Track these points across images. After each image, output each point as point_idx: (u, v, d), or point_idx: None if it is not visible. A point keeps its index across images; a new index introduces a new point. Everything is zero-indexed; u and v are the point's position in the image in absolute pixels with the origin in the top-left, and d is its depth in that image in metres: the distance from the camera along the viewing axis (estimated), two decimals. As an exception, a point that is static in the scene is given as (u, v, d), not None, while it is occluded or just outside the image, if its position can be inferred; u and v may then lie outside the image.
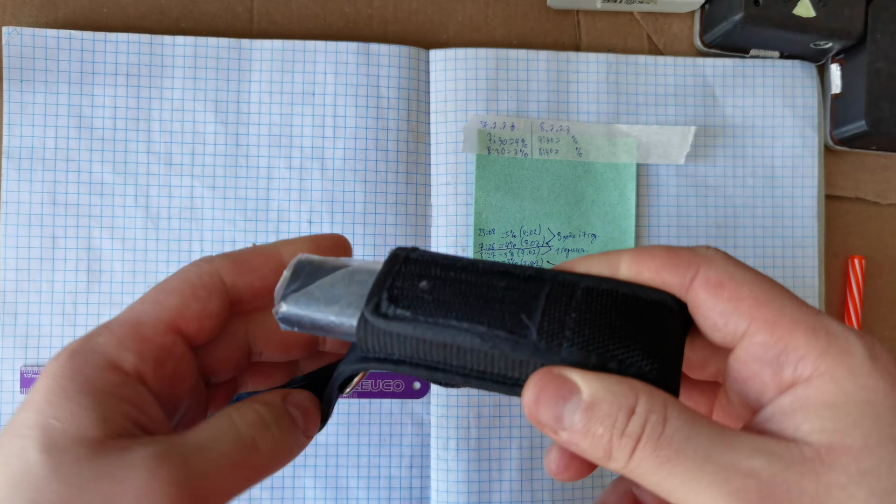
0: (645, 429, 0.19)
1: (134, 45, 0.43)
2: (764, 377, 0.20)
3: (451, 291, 0.22)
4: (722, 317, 0.21)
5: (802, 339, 0.20)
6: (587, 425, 0.20)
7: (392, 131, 0.44)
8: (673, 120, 0.46)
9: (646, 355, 0.21)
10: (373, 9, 0.45)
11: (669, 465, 0.19)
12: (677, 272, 0.22)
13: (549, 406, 0.20)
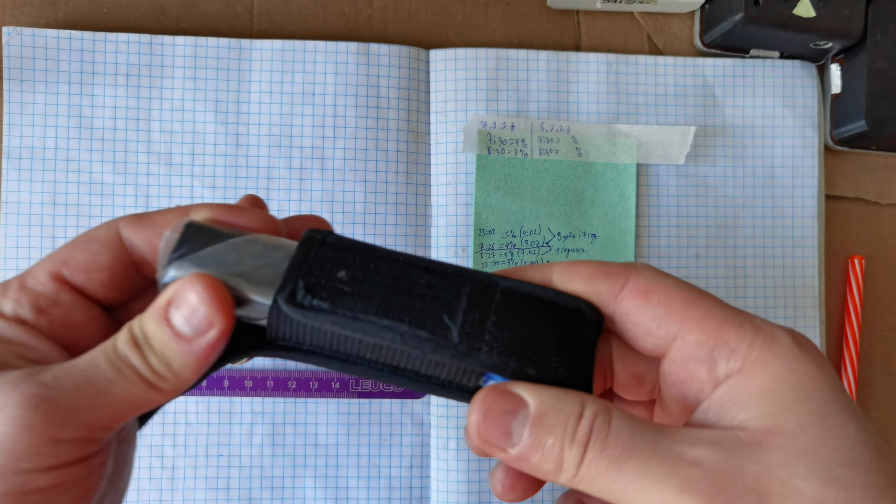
0: (592, 431, 0.20)
1: (134, 45, 0.43)
2: (700, 375, 0.21)
3: (371, 284, 0.21)
4: (654, 321, 0.22)
5: (732, 332, 0.21)
6: (537, 437, 0.20)
7: (392, 131, 0.44)
8: (673, 120, 0.46)
9: (562, 361, 0.21)
10: (373, 9, 0.45)
11: (618, 463, 0.19)
12: (608, 281, 0.22)
13: (498, 423, 0.20)
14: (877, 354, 0.48)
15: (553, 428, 0.20)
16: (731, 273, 0.46)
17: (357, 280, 0.21)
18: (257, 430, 0.43)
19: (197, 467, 0.42)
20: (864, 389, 0.47)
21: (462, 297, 0.22)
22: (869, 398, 0.47)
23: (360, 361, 0.22)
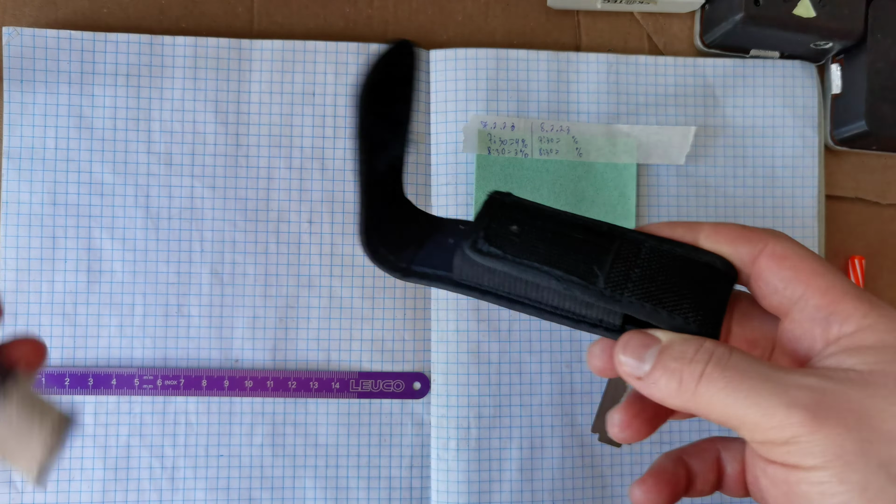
0: (713, 357, 0.23)
1: (134, 46, 0.43)
2: (814, 334, 0.24)
3: (537, 237, 0.26)
4: (783, 282, 0.24)
5: (850, 303, 0.23)
6: (663, 361, 0.23)
7: (392, 131, 0.44)
8: (673, 120, 0.46)
9: (694, 309, 0.25)
10: (373, 9, 0.45)
11: (734, 384, 0.22)
12: (749, 244, 0.25)
13: (634, 352, 0.24)
14: (877, 354, 0.48)
15: (677, 354, 0.23)
16: (732, 273, 0.46)
17: (525, 233, 0.26)
18: (257, 431, 0.43)
19: (197, 467, 0.42)
20: (864, 389, 0.47)
21: (611, 252, 0.26)
22: (869, 398, 0.47)
23: (525, 301, 0.27)
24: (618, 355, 0.25)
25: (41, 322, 0.42)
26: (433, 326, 0.44)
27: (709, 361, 0.23)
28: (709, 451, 0.29)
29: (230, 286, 0.43)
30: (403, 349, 0.44)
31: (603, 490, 0.44)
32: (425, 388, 0.43)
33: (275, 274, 0.43)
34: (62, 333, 0.42)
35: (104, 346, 0.42)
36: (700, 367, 0.23)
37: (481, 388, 0.43)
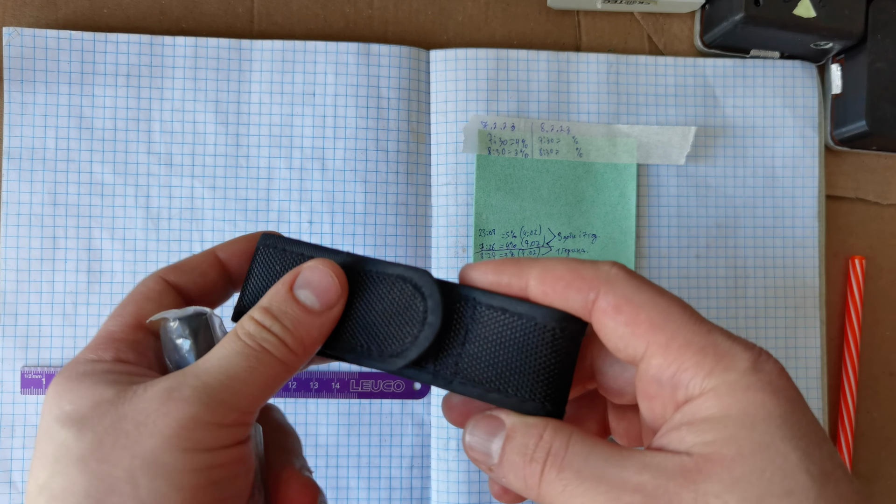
0: (549, 454, 0.22)
1: (134, 46, 0.43)
2: (663, 396, 0.22)
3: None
4: (621, 340, 0.23)
5: (692, 359, 0.21)
6: (507, 455, 0.23)
7: (392, 131, 0.44)
8: (673, 120, 0.46)
9: (530, 386, 0.23)
10: (373, 9, 0.45)
11: (571, 487, 0.21)
12: (580, 293, 0.23)
13: (481, 439, 0.23)
14: (877, 354, 0.48)
15: (518, 446, 0.22)
16: (731, 273, 0.46)
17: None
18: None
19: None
20: (864, 389, 0.47)
21: (436, 314, 0.24)
22: (869, 398, 0.47)
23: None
24: (465, 439, 0.24)
25: (41, 322, 0.42)
26: (433, 326, 0.44)
27: (546, 459, 0.22)
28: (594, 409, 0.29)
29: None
30: (403, 349, 0.44)
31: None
32: (425, 388, 0.43)
33: (275, 274, 0.43)
34: (62, 333, 0.42)
35: (104, 346, 0.42)
36: (539, 467, 0.22)
37: (481, 388, 0.43)
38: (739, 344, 0.22)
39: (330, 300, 0.25)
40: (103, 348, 0.25)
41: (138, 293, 0.27)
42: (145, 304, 0.26)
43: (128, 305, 0.27)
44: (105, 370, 0.24)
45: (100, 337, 0.26)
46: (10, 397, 0.41)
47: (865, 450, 0.47)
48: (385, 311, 0.26)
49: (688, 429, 0.21)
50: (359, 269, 0.26)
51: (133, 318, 0.26)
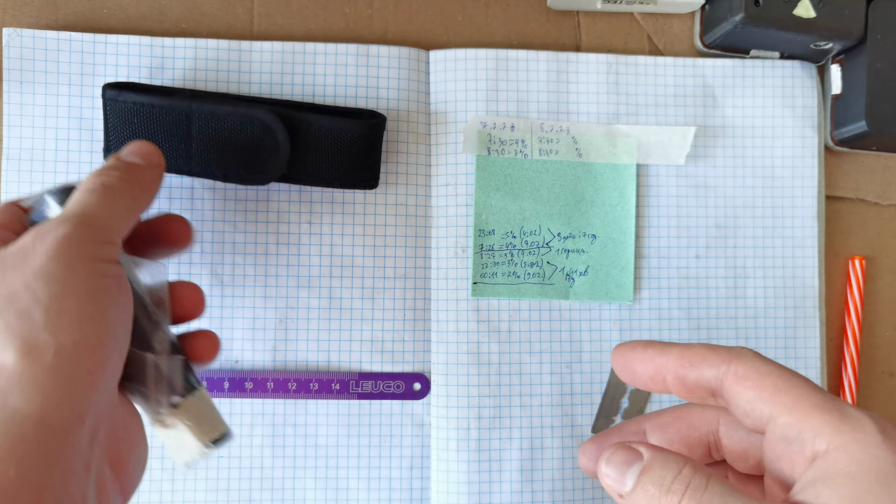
0: (689, 487, 0.23)
1: (134, 47, 0.43)
2: (791, 455, 0.23)
3: None
4: (749, 404, 0.24)
5: (818, 418, 0.23)
6: (643, 484, 0.24)
7: (392, 132, 0.44)
8: (673, 120, 0.46)
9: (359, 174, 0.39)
10: (373, 9, 0.45)
11: None
12: (713, 368, 0.26)
13: (617, 466, 0.25)
14: (877, 355, 0.48)
15: (655, 479, 0.23)
16: (731, 273, 0.46)
17: None
18: (257, 432, 0.43)
19: (197, 468, 0.42)
20: (864, 390, 0.47)
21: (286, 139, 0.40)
22: (869, 398, 0.47)
23: None
24: (601, 466, 0.25)
25: (41, 323, 0.42)
26: (433, 327, 0.44)
27: (684, 492, 0.22)
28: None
29: (230, 287, 0.43)
30: (403, 350, 0.44)
31: (603, 490, 0.44)
32: (425, 388, 0.43)
33: (274, 275, 0.43)
34: (62, 334, 0.42)
35: (104, 346, 0.42)
36: (676, 499, 0.23)
37: (481, 388, 0.43)
38: (863, 411, 0.23)
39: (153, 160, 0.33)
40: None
41: None
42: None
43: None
44: None
45: None
46: (10, 398, 0.41)
47: (865, 450, 0.47)
48: (245, 143, 0.38)
49: (823, 483, 0.22)
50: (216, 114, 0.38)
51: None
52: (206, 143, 0.39)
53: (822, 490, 0.21)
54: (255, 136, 0.39)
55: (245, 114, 0.39)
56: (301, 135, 0.40)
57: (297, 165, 0.40)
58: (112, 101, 0.39)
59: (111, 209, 0.29)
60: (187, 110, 0.39)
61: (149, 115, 0.39)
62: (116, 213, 0.29)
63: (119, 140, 0.40)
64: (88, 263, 0.27)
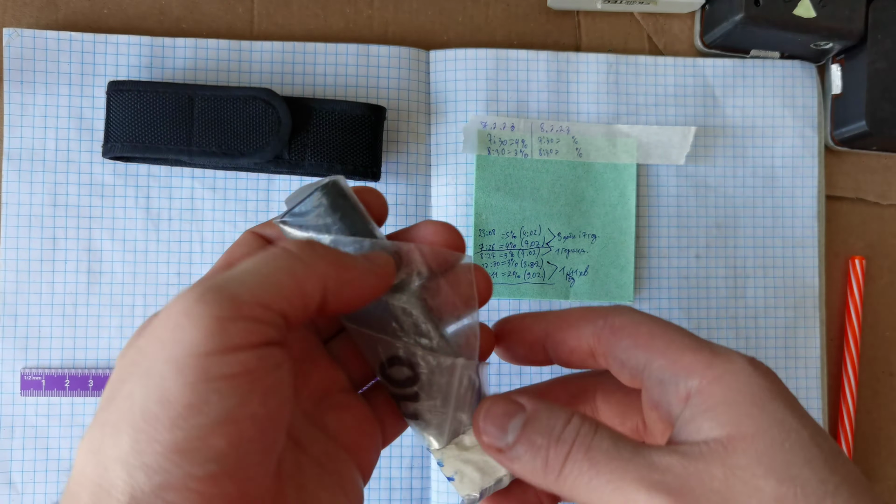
0: (578, 435, 0.22)
1: (134, 47, 0.43)
2: (668, 399, 0.23)
3: None
4: (625, 353, 0.25)
5: (690, 356, 0.23)
6: (528, 435, 0.23)
7: (392, 132, 0.44)
8: (673, 120, 0.46)
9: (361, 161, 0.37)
10: (373, 9, 0.45)
11: (598, 466, 0.21)
12: (590, 324, 0.26)
13: (497, 421, 0.23)
14: (877, 354, 0.48)
15: (542, 428, 0.22)
16: (731, 273, 0.46)
17: None
18: (258, 431, 0.43)
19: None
20: (864, 389, 0.47)
21: (287, 118, 0.40)
22: (869, 398, 0.47)
23: None
24: (477, 422, 0.24)
25: (41, 323, 0.42)
26: (433, 327, 0.44)
27: (574, 440, 0.22)
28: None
29: (230, 287, 0.43)
30: (403, 350, 0.44)
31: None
32: (425, 388, 0.43)
33: (275, 274, 0.43)
34: (62, 334, 0.42)
35: (104, 347, 0.42)
36: (566, 448, 0.22)
37: (481, 388, 0.43)
38: (731, 350, 0.23)
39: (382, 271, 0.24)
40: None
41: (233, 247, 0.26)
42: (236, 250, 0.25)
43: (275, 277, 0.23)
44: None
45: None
46: (9, 398, 0.41)
47: (865, 450, 0.47)
48: (247, 121, 0.39)
49: (702, 417, 0.22)
50: (218, 96, 0.39)
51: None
52: (208, 123, 0.40)
53: (701, 424, 0.22)
54: (256, 113, 0.40)
55: (247, 93, 0.40)
56: (303, 117, 0.41)
57: (299, 148, 0.41)
58: (115, 91, 0.40)
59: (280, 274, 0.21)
60: (190, 93, 0.40)
61: (151, 98, 0.40)
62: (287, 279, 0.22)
63: (120, 129, 0.40)
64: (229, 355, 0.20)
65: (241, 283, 0.21)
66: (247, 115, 0.40)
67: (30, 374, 0.41)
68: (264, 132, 0.40)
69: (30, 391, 0.41)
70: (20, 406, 0.41)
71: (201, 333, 0.19)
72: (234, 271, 0.21)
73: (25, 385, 0.41)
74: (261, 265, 0.21)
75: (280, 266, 0.21)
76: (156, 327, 0.20)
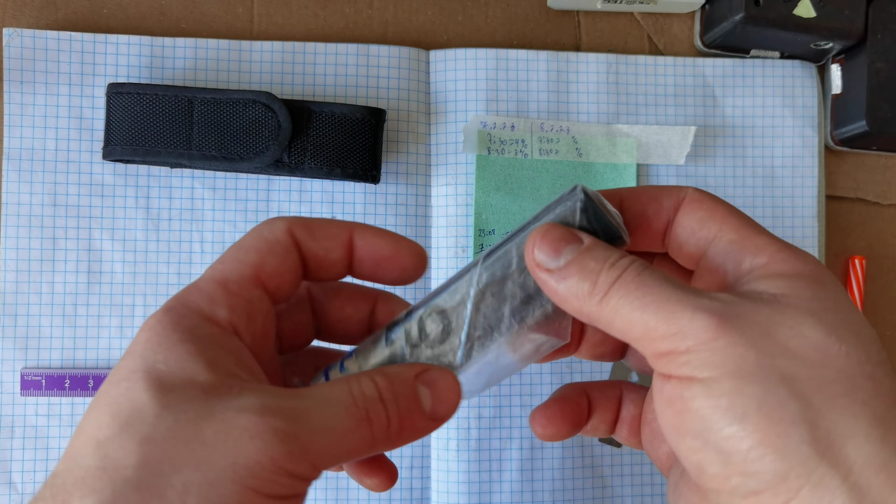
0: (632, 265, 0.22)
1: (134, 47, 0.43)
2: (727, 267, 0.24)
3: None
4: (699, 222, 0.25)
5: (763, 238, 0.23)
6: (581, 259, 0.22)
7: (392, 132, 0.44)
8: (673, 120, 0.46)
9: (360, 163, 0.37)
10: (373, 9, 0.45)
11: (647, 287, 0.21)
12: (670, 196, 0.26)
13: (552, 243, 0.23)
14: (877, 354, 0.48)
15: (597, 256, 0.22)
16: (732, 273, 0.46)
17: None
18: (258, 431, 0.43)
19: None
20: (864, 389, 0.47)
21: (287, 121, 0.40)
22: (869, 398, 0.47)
23: None
24: (533, 239, 0.23)
25: (41, 323, 0.42)
26: (433, 327, 0.44)
27: (627, 267, 0.22)
28: (612, 391, 0.29)
29: (230, 287, 0.43)
30: (403, 350, 0.44)
31: (603, 490, 0.44)
32: (425, 388, 0.43)
33: (275, 274, 0.43)
34: (62, 334, 0.42)
35: (104, 346, 0.42)
36: (617, 273, 0.22)
37: (481, 388, 0.43)
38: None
39: (443, 413, 0.24)
40: (219, 303, 0.23)
41: (263, 241, 0.24)
42: (269, 258, 0.24)
43: (250, 252, 0.24)
44: (212, 339, 0.22)
45: (215, 280, 0.23)
46: (9, 398, 0.41)
47: (865, 450, 0.47)
48: (246, 124, 0.38)
49: (759, 281, 0.22)
50: (218, 99, 0.39)
51: (253, 271, 0.23)
52: (208, 127, 0.40)
53: (757, 284, 0.22)
54: (256, 116, 0.40)
55: (246, 97, 0.40)
56: (302, 120, 0.41)
57: (298, 151, 0.41)
58: (115, 94, 0.40)
59: (347, 443, 0.21)
60: (190, 97, 0.40)
61: (151, 101, 0.40)
62: (349, 449, 0.22)
63: (120, 132, 0.40)
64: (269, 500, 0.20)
65: (320, 442, 0.21)
66: (246, 118, 0.40)
67: (30, 374, 0.41)
68: (264, 136, 0.40)
69: (30, 391, 0.41)
70: (20, 406, 0.41)
71: (271, 478, 0.20)
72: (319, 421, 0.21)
73: (25, 385, 0.41)
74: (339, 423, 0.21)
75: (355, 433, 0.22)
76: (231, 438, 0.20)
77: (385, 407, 0.22)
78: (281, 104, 0.40)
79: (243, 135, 0.40)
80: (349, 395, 0.22)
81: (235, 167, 0.41)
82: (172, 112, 0.40)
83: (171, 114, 0.40)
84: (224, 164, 0.40)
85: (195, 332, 0.22)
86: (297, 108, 0.41)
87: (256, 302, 0.23)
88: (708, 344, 0.20)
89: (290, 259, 0.24)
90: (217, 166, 0.41)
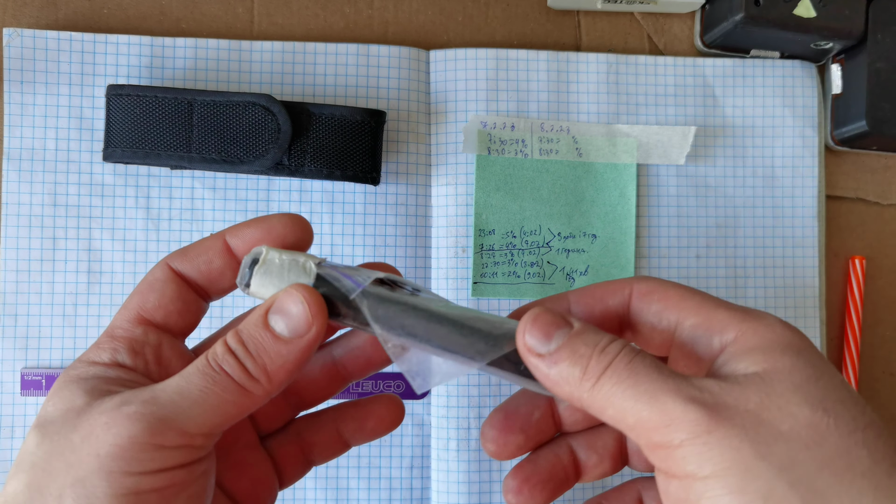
0: (622, 351, 0.22)
1: (134, 47, 0.43)
2: (700, 352, 0.24)
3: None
4: (656, 316, 0.25)
5: (724, 313, 0.24)
6: (572, 344, 0.23)
7: (392, 132, 0.44)
8: (673, 120, 0.46)
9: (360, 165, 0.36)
10: (373, 9, 0.45)
11: (638, 377, 0.21)
12: (616, 294, 0.26)
13: (542, 328, 0.23)
14: (877, 354, 0.48)
15: (588, 341, 0.23)
16: (731, 273, 0.46)
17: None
18: (258, 431, 0.43)
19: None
20: (864, 390, 0.47)
21: (287, 124, 0.39)
22: (869, 398, 0.47)
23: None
24: (524, 325, 0.23)
25: (41, 322, 0.42)
26: (433, 327, 0.44)
27: (618, 354, 0.22)
28: (629, 493, 0.30)
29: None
30: (403, 349, 0.44)
31: (603, 491, 0.44)
32: (425, 388, 0.43)
33: (275, 274, 0.43)
34: (62, 334, 0.42)
35: (105, 346, 0.42)
36: (608, 358, 0.22)
37: (481, 388, 0.43)
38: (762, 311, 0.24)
39: (300, 329, 0.24)
40: (103, 348, 0.26)
41: (144, 283, 0.27)
42: (149, 296, 0.26)
43: (133, 297, 0.27)
44: (95, 375, 0.25)
45: (104, 334, 0.26)
46: (9, 398, 0.41)
47: (865, 450, 0.47)
48: (246, 127, 0.38)
49: (738, 359, 0.22)
50: (217, 102, 0.39)
51: (134, 312, 0.26)
52: (207, 130, 0.40)
53: (737, 365, 0.22)
54: (256, 119, 0.40)
55: (246, 99, 0.40)
56: (302, 122, 0.40)
57: (298, 154, 0.40)
58: (114, 95, 0.40)
59: (210, 403, 0.23)
60: (189, 99, 0.40)
61: (151, 104, 0.40)
62: (216, 408, 0.24)
63: (120, 134, 0.40)
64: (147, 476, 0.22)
65: (178, 410, 0.23)
66: (246, 121, 0.40)
67: (30, 374, 0.41)
68: (264, 139, 0.40)
69: (30, 391, 0.41)
70: (20, 406, 0.41)
71: (137, 456, 0.22)
72: (170, 393, 0.23)
73: (25, 385, 0.41)
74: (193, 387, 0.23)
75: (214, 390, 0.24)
76: (93, 434, 0.22)
77: (234, 356, 0.24)
78: (281, 107, 0.40)
79: (243, 138, 0.40)
80: (203, 360, 0.24)
81: (235, 170, 0.41)
82: (172, 115, 0.40)
83: (171, 116, 0.40)
84: (224, 166, 0.40)
85: (80, 375, 0.25)
86: (297, 111, 0.40)
87: (140, 337, 0.26)
88: (702, 437, 0.20)
89: (169, 290, 0.26)
90: (217, 169, 0.41)
